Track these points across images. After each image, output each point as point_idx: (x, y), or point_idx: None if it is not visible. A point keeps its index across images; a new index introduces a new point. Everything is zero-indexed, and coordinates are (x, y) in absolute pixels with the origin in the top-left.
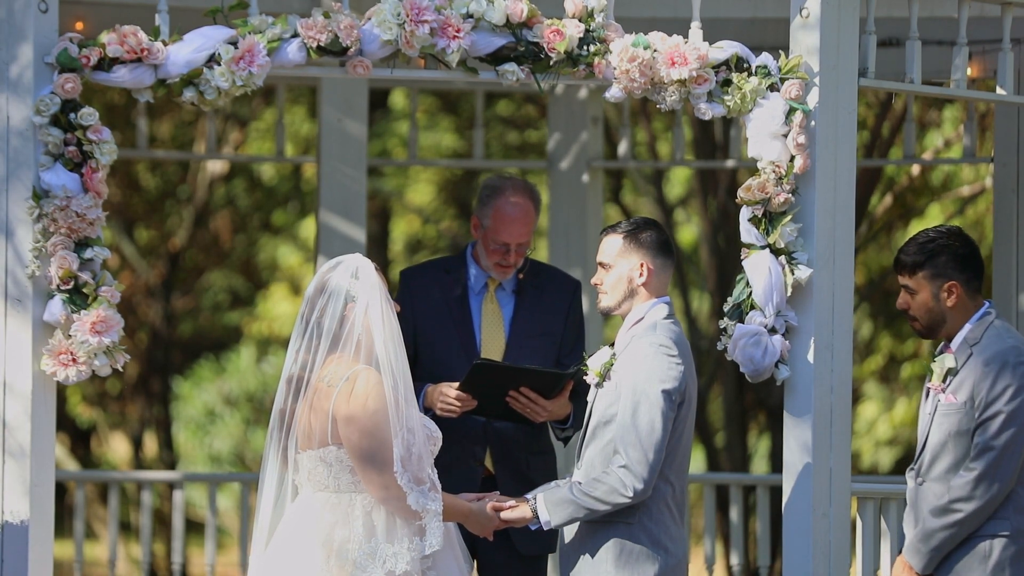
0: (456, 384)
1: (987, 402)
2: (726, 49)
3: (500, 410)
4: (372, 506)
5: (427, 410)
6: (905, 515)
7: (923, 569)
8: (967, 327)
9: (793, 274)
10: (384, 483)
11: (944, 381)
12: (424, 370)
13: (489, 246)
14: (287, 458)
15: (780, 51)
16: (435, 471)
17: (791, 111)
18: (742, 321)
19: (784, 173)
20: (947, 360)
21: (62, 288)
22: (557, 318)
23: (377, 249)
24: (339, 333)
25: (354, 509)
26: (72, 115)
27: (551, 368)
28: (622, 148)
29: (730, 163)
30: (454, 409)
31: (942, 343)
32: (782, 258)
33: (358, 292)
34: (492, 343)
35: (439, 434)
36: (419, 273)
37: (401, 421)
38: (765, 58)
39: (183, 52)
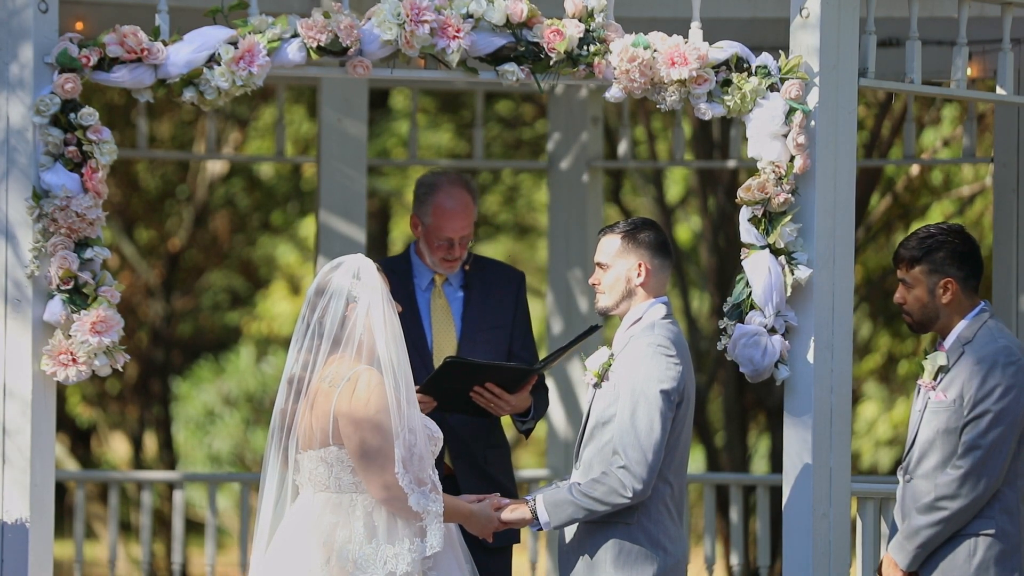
0: (416, 387)
1: (976, 400)
2: (726, 49)
3: (462, 405)
4: (373, 507)
5: None
6: (895, 512)
7: (908, 566)
8: (961, 325)
9: (793, 274)
10: (385, 484)
11: (935, 379)
12: None
13: (433, 243)
14: (288, 458)
15: (780, 51)
16: (436, 472)
17: (791, 111)
18: (742, 321)
19: (784, 173)
20: (939, 358)
21: (62, 288)
22: (506, 311)
23: (377, 249)
24: (340, 334)
25: (355, 510)
26: (72, 115)
27: (520, 365)
28: (622, 148)
29: (730, 163)
30: None
31: (938, 341)
32: (782, 258)
33: (360, 293)
34: (443, 339)
35: (440, 434)
36: None
37: (403, 422)
38: (765, 58)
39: (183, 52)
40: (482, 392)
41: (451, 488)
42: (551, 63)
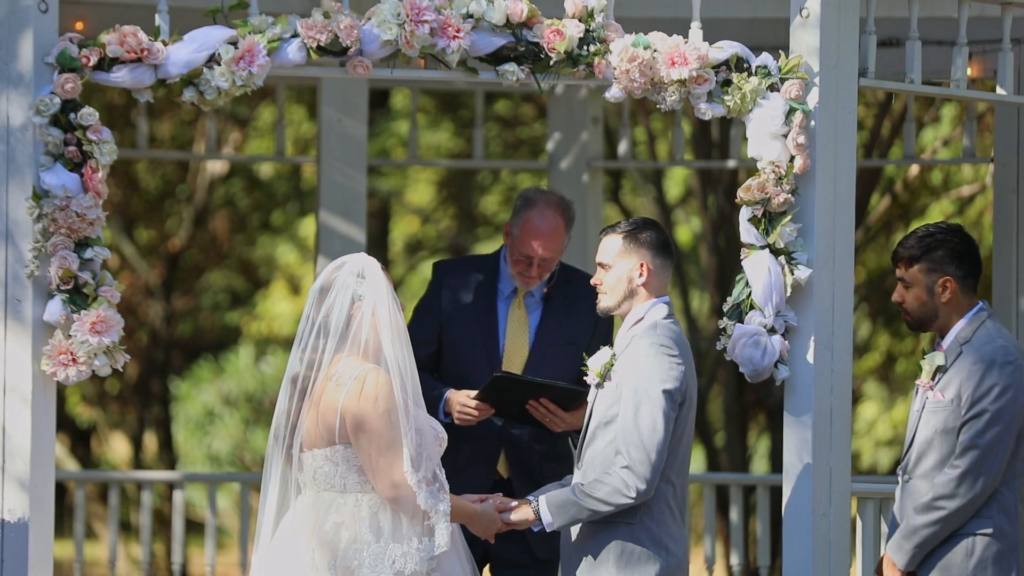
0: (475, 392)
1: (973, 400)
2: (726, 49)
3: (518, 416)
4: (379, 506)
5: (447, 415)
6: (894, 511)
7: (906, 566)
8: (960, 324)
9: (793, 274)
10: (394, 482)
11: (933, 378)
12: (445, 370)
13: (514, 255)
14: (291, 457)
15: (780, 51)
16: (443, 471)
17: (791, 111)
18: (741, 321)
19: (784, 173)
20: (937, 358)
21: (62, 288)
22: (584, 328)
23: (377, 249)
24: (346, 333)
25: (360, 510)
26: (72, 115)
27: (571, 385)
28: (622, 148)
29: (730, 163)
30: (471, 417)
31: (936, 341)
32: (782, 258)
33: (365, 291)
34: (515, 349)
35: (445, 435)
36: (454, 269)
37: (410, 422)
38: (765, 58)
39: (183, 52)
40: (536, 407)
41: (505, 493)
42: (551, 63)
